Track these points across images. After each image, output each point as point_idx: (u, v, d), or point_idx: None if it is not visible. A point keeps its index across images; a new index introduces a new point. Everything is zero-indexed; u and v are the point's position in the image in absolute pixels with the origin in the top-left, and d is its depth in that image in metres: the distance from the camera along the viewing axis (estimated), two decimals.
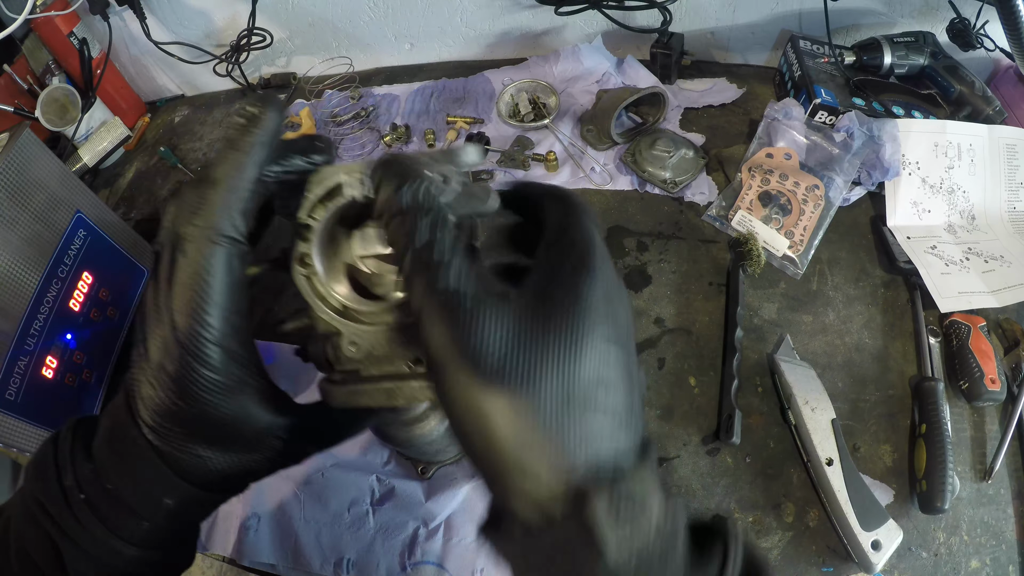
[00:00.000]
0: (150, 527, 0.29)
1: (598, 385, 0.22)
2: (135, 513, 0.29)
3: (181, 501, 0.29)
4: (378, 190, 0.25)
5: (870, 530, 0.54)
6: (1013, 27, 0.63)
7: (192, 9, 1.01)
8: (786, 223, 0.76)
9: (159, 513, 0.29)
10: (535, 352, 0.21)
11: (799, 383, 0.62)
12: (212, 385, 0.26)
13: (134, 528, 0.29)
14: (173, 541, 0.32)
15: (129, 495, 0.28)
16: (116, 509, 0.28)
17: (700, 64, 0.99)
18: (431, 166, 0.28)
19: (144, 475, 0.28)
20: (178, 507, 0.29)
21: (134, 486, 0.28)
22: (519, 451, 0.21)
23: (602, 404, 0.22)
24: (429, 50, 1.08)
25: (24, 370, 0.62)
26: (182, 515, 0.30)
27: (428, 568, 0.58)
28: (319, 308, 0.30)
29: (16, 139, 0.62)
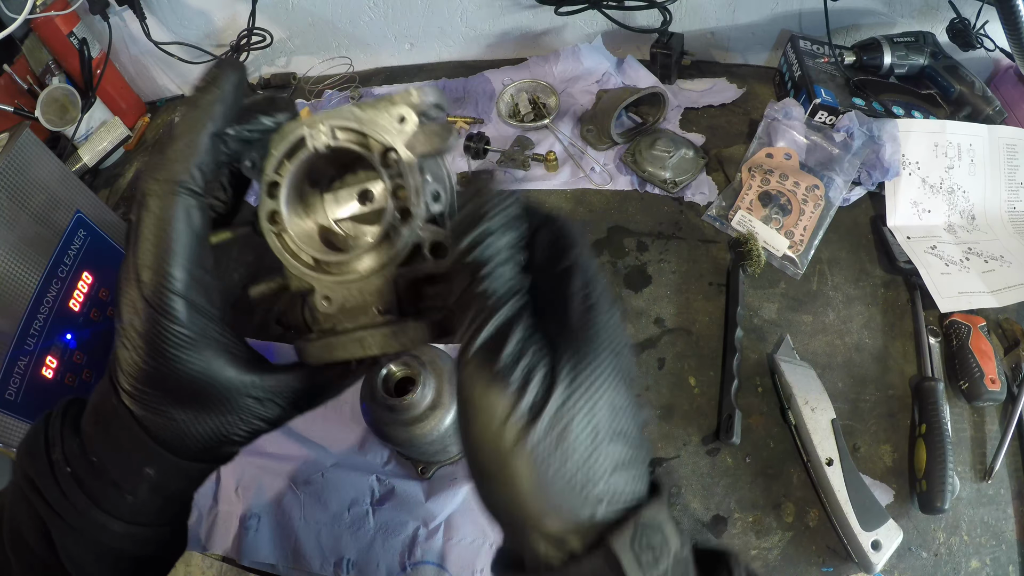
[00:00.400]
0: (134, 501, 0.29)
1: (613, 424, 0.24)
2: (118, 486, 0.29)
3: (162, 471, 0.29)
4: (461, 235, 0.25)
5: (870, 530, 0.54)
6: (1013, 27, 0.63)
7: (192, 9, 1.01)
8: (786, 223, 0.76)
9: (142, 485, 0.29)
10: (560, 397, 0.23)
11: (799, 383, 0.62)
12: (177, 339, 0.27)
13: (118, 501, 0.29)
14: (160, 517, 0.31)
15: (112, 466, 0.29)
16: (100, 481, 0.29)
17: (700, 64, 0.99)
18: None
19: (124, 445, 0.29)
20: (160, 477, 0.29)
21: (116, 457, 0.29)
22: (540, 491, 0.22)
23: (618, 439, 0.24)
24: (429, 50, 1.08)
25: (24, 370, 0.62)
26: (165, 487, 0.30)
27: (428, 568, 0.58)
28: (291, 265, 0.30)
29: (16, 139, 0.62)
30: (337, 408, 0.68)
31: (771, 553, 0.57)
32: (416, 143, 0.29)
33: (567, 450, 0.23)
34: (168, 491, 0.31)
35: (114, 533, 0.30)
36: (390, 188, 0.29)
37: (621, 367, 0.25)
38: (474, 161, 0.87)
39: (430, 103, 0.30)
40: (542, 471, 0.22)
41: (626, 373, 0.25)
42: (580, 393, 0.23)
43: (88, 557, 0.30)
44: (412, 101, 0.29)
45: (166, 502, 0.31)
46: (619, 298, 0.73)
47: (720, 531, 0.58)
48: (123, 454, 0.29)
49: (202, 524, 0.63)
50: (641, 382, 0.67)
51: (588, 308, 0.25)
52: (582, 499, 0.23)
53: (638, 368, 0.68)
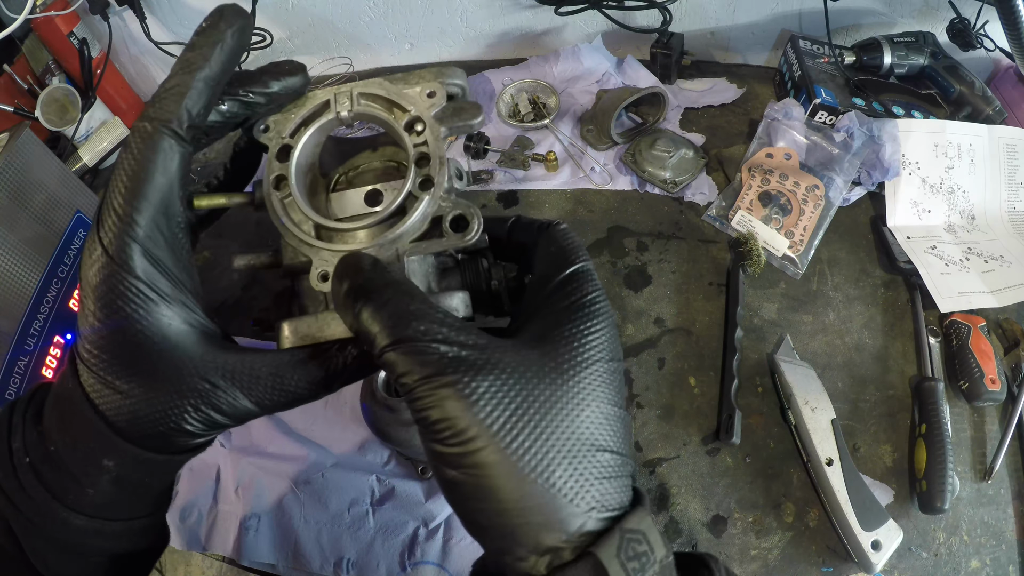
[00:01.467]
0: (95, 494, 0.27)
1: (602, 433, 0.24)
2: (77, 478, 0.27)
3: (121, 462, 0.27)
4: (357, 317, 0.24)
5: (870, 530, 0.54)
6: (1013, 27, 0.63)
7: (192, 9, 1.01)
8: (786, 223, 0.76)
9: (102, 477, 0.27)
10: (541, 414, 0.23)
11: (799, 383, 0.62)
12: (130, 293, 0.25)
13: (79, 494, 0.27)
14: (130, 510, 0.29)
15: (69, 457, 0.27)
16: (59, 473, 0.27)
17: (700, 64, 0.99)
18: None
19: (80, 433, 0.26)
20: (120, 469, 0.27)
21: (73, 446, 0.27)
22: (526, 503, 0.22)
23: (606, 448, 0.24)
24: (429, 50, 1.08)
25: (24, 370, 0.62)
26: (127, 479, 0.28)
27: (428, 568, 0.58)
28: (291, 232, 0.28)
29: (16, 139, 0.62)
30: (337, 408, 0.68)
31: (771, 553, 0.57)
32: (445, 117, 0.29)
33: (555, 460, 0.22)
34: (131, 484, 0.28)
35: (77, 528, 0.28)
36: (414, 156, 0.28)
37: (612, 378, 0.25)
38: (474, 161, 0.87)
39: (458, 83, 0.30)
40: (529, 482, 0.22)
41: (616, 384, 0.25)
42: (568, 400, 0.23)
43: (52, 553, 0.28)
44: (447, 74, 0.30)
45: (132, 495, 0.29)
46: (619, 298, 0.73)
47: (720, 531, 0.58)
48: (80, 444, 0.27)
49: (202, 524, 0.63)
50: (641, 382, 0.67)
51: (584, 316, 0.25)
52: (570, 511, 0.22)
53: (638, 368, 0.68)
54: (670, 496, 0.60)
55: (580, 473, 0.23)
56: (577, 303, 0.26)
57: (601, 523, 0.23)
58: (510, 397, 0.22)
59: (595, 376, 0.24)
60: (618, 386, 0.25)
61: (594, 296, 0.26)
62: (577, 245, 0.28)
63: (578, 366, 0.24)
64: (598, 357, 0.24)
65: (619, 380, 0.25)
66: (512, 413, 0.22)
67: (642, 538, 0.23)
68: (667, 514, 0.59)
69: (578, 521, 0.22)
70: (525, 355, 0.24)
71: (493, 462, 0.22)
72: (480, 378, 0.22)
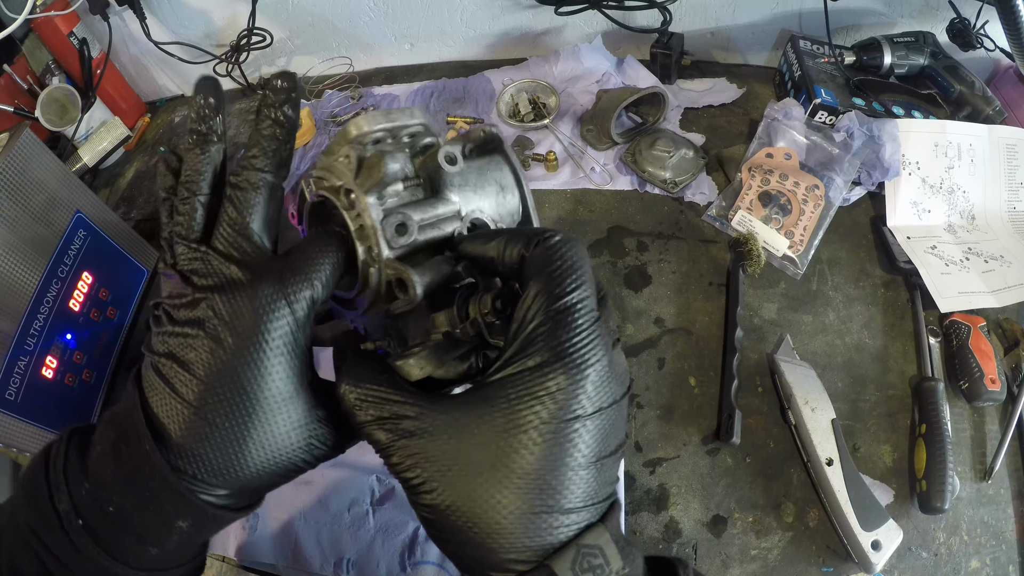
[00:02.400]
0: (159, 552, 0.27)
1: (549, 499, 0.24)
2: (143, 539, 0.26)
3: (195, 522, 0.26)
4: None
5: (870, 530, 0.54)
6: (1013, 27, 0.63)
7: (192, 9, 1.01)
8: (786, 223, 0.76)
9: (170, 537, 0.26)
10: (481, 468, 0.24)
11: (799, 383, 0.62)
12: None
13: (140, 554, 0.26)
14: (181, 561, 0.29)
15: (136, 519, 0.26)
16: (119, 534, 0.26)
17: (700, 64, 0.99)
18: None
19: (156, 496, 0.25)
20: (192, 529, 0.26)
21: (143, 509, 0.25)
22: (482, 536, 0.24)
23: (592, 468, 0.25)
24: (429, 50, 1.08)
25: (24, 370, 0.62)
26: (195, 536, 0.27)
27: (428, 568, 0.58)
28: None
29: (16, 139, 0.62)
30: None
31: (771, 553, 0.57)
32: (361, 179, 0.28)
33: (546, 484, 0.24)
34: (200, 540, 0.29)
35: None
36: (354, 229, 0.28)
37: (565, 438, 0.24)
38: None
39: (368, 132, 0.29)
40: (483, 520, 0.24)
41: (582, 441, 0.25)
42: (569, 426, 0.24)
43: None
44: (350, 136, 0.29)
45: (193, 547, 0.29)
46: (619, 298, 0.73)
47: (720, 531, 0.58)
48: (152, 507, 0.25)
49: None
50: (641, 382, 0.67)
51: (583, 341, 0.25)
52: (547, 535, 0.24)
53: (638, 368, 0.68)
54: (670, 496, 0.60)
55: (563, 499, 0.24)
56: (553, 356, 0.24)
57: (559, 540, 0.24)
58: (445, 454, 0.24)
59: (535, 441, 0.24)
60: (588, 441, 0.25)
61: (574, 344, 0.24)
62: (569, 266, 0.25)
63: (513, 432, 0.24)
64: (546, 420, 0.24)
65: (587, 437, 0.25)
66: (447, 468, 0.24)
67: (598, 552, 0.24)
68: (667, 514, 0.59)
69: (536, 540, 0.24)
70: (458, 417, 0.25)
71: (445, 505, 0.24)
72: (415, 440, 0.25)
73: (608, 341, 0.26)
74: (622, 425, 0.26)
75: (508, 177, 0.33)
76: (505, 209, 0.32)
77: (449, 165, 0.30)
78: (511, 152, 0.33)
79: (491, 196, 0.32)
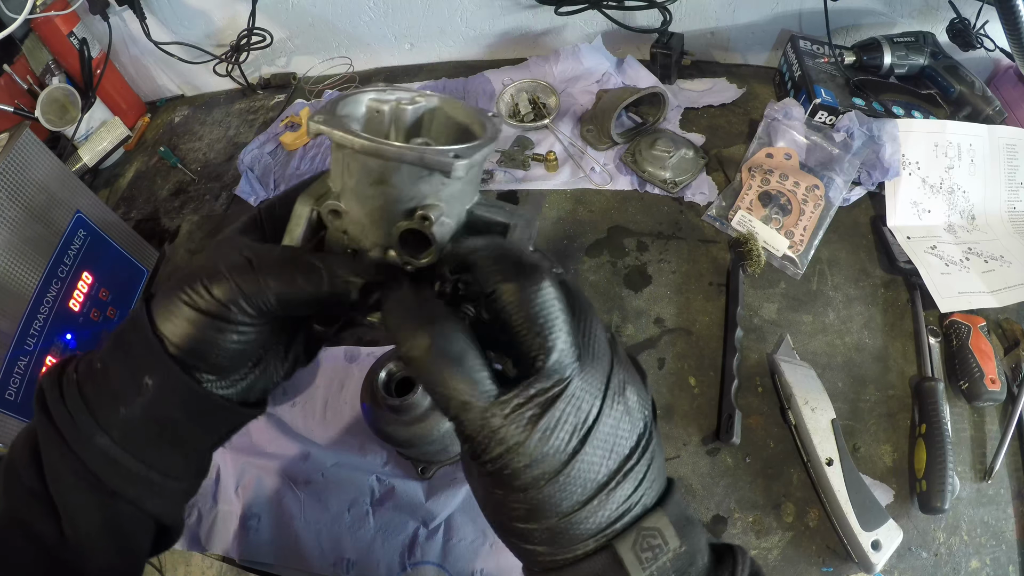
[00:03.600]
0: (127, 415, 0.29)
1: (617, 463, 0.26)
2: (115, 395, 0.29)
3: (160, 383, 0.29)
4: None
5: (870, 530, 0.54)
6: (1013, 27, 0.63)
7: (192, 9, 1.01)
8: (786, 223, 0.76)
9: (138, 399, 0.29)
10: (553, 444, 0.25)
11: (799, 383, 0.62)
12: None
13: (111, 412, 0.29)
14: (148, 455, 0.30)
15: (113, 373, 0.29)
16: (98, 388, 0.29)
17: (700, 64, 0.99)
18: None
19: (131, 349, 0.29)
20: (157, 392, 0.29)
21: (120, 361, 0.30)
22: (567, 516, 0.26)
23: (622, 470, 0.26)
24: (429, 50, 1.08)
25: (24, 370, 0.62)
26: (159, 409, 0.29)
27: (428, 568, 0.58)
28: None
29: (16, 139, 0.62)
30: (337, 408, 0.68)
31: (771, 553, 0.57)
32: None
33: (581, 460, 0.25)
34: (159, 419, 0.30)
35: (97, 449, 0.29)
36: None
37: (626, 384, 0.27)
38: None
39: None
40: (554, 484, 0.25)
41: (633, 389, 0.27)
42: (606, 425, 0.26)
43: (68, 475, 0.29)
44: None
45: (159, 434, 0.30)
46: (619, 298, 0.73)
47: (720, 531, 0.58)
48: (128, 359, 0.29)
49: (202, 524, 0.63)
50: None
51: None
52: (594, 504, 0.26)
53: None
54: None
55: (615, 493, 0.26)
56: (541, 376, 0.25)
57: (623, 526, 0.26)
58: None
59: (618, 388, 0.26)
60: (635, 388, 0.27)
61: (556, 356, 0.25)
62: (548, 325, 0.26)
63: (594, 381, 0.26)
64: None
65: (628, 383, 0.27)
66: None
67: (657, 534, 0.26)
68: None
69: (606, 531, 0.26)
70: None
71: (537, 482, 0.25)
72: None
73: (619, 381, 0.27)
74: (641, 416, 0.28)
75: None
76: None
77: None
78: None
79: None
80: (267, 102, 1.07)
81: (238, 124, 1.05)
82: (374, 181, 0.29)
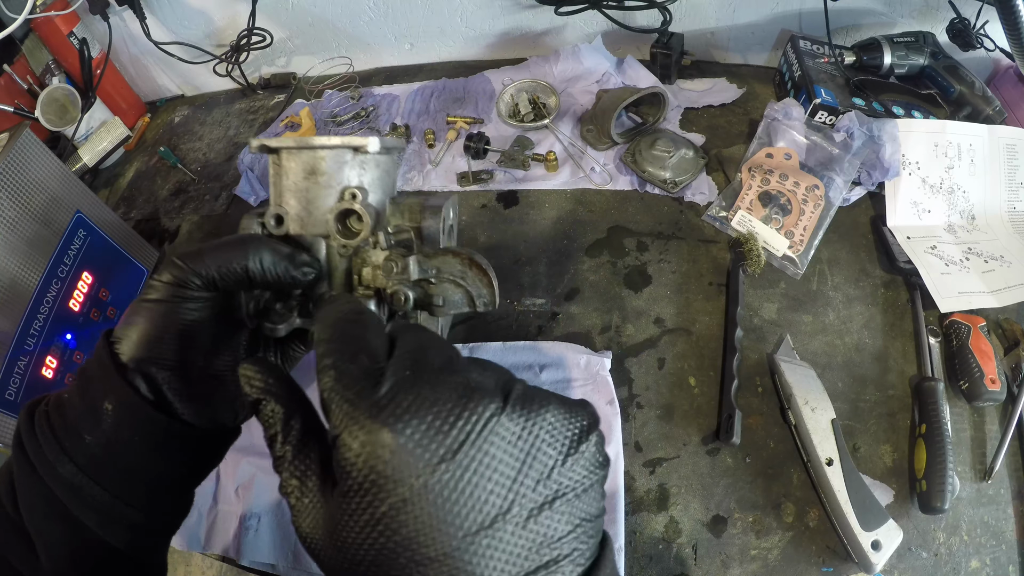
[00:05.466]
0: (91, 443, 0.30)
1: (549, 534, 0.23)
2: (78, 423, 0.30)
3: (118, 407, 0.30)
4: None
5: (870, 530, 0.54)
6: (1013, 27, 0.63)
7: (192, 9, 1.01)
8: (786, 223, 0.76)
9: (99, 426, 0.30)
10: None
11: (799, 383, 0.62)
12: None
13: (75, 440, 0.30)
14: (112, 482, 0.30)
15: (76, 401, 0.31)
16: (63, 418, 0.31)
17: (700, 64, 0.99)
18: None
19: (91, 379, 0.31)
20: (115, 416, 0.30)
21: (84, 389, 0.31)
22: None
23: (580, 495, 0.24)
24: (429, 50, 1.08)
25: (24, 370, 0.62)
26: (119, 434, 0.30)
27: None
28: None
29: (16, 139, 0.62)
30: None
31: (771, 553, 0.57)
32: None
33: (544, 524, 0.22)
34: (122, 441, 0.30)
35: (62, 478, 0.29)
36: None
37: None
38: (474, 161, 0.87)
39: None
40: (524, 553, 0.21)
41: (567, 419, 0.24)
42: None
43: (39, 503, 0.30)
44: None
45: (120, 462, 0.30)
46: (619, 298, 0.73)
47: (720, 531, 0.58)
48: (90, 385, 0.31)
49: (202, 524, 0.63)
50: (641, 382, 0.67)
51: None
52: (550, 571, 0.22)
53: (638, 368, 0.68)
54: (670, 496, 0.60)
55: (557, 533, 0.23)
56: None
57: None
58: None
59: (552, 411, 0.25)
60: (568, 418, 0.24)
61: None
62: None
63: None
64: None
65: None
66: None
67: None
68: (667, 514, 0.59)
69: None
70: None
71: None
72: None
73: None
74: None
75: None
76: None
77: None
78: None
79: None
80: (267, 102, 1.07)
81: (238, 124, 1.05)
82: (307, 173, 0.35)
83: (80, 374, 0.32)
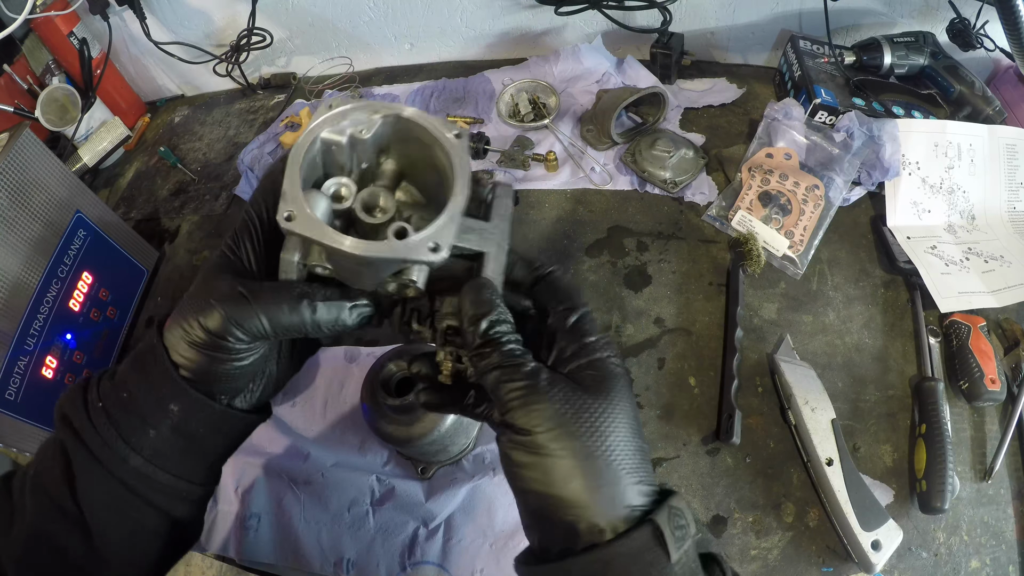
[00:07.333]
0: (156, 436, 0.32)
1: (634, 426, 0.30)
2: (144, 419, 0.32)
3: (184, 408, 0.32)
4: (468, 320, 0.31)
5: (870, 530, 0.54)
6: (1013, 27, 0.63)
7: (192, 9, 1.01)
8: (786, 223, 0.76)
9: (165, 421, 0.32)
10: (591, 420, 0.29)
11: (799, 383, 0.62)
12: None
13: (141, 435, 0.32)
14: (179, 466, 0.34)
15: (140, 400, 0.32)
16: (127, 415, 0.32)
17: (700, 64, 0.99)
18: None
19: (155, 382, 0.32)
20: (181, 415, 0.32)
21: (145, 391, 0.32)
22: (593, 482, 0.28)
23: (638, 436, 0.30)
24: (429, 50, 1.08)
25: (24, 370, 0.62)
26: (184, 429, 0.33)
27: (428, 568, 0.58)
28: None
29: (16, 139, 0.62)
30: (337, 408, 0.68)
31: (771, 553, 0.57)
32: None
33: (612, 446, 0.28)
34: (186, 435, 0.33)
35: (133, 469, 0.32)
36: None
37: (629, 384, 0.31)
38: (474, 161, 0.87)
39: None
40: (596, 464, 0.28)
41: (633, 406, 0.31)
42: (615, 402, 0.29)
43: (102, 494, 0.32)
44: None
45: (185, 451, 0.34)
46: (619, 298, 0.73)
47: (720, 531, 0.58)
48: (152, 389, 0.32)
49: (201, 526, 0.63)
50: (641, 382, 0.67)
51: (599, 346, 0.31)
52: (627, 486, 0.28)
53: (638, 368, 0.68)
54: None
55: (630, 457, 0.29)
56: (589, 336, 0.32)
57: (648, 503, 0.28)
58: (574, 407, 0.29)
59: (623, 384, 0.31)
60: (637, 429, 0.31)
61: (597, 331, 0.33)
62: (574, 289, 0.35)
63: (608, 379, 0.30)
64: (621, 372, 0.31)
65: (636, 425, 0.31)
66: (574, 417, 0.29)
67: (682, 514, 0.28)
68: None
69: (634, 497, 0.28)
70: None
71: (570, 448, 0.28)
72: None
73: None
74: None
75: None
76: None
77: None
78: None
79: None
80: (267, 102, 1.07)
81: (238, 124, 1.05)
82: (358, 263, 0.30)
83: (138, 369, 0.33)
